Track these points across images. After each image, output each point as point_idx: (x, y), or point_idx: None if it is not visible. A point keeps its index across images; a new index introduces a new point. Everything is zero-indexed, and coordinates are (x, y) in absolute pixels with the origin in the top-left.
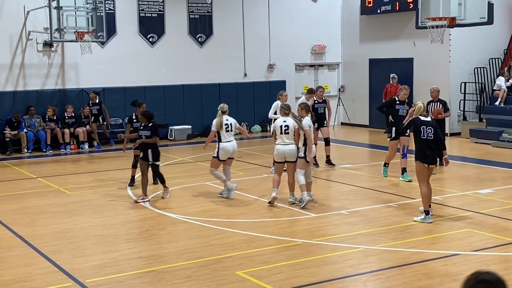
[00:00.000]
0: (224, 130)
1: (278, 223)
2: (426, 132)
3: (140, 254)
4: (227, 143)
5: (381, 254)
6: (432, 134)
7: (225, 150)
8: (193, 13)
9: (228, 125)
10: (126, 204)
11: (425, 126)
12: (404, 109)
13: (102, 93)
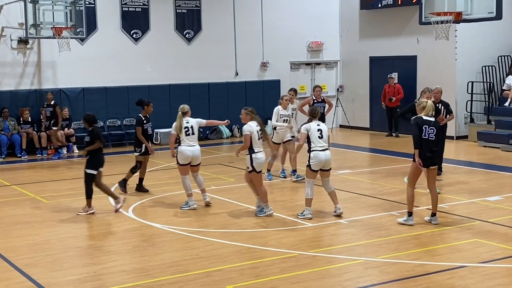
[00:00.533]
0: (183, 134)
1: (272, 234)
2: (427, 132)
3: (123, 267)
4: (186, 147)
5: (382, 266)
6: (434, 135)
7: (183, 154)
8: (180, 7)
9: (189, 128)
10: (108, 214)
11: (427, 125)
12: None
13: (81, 94)
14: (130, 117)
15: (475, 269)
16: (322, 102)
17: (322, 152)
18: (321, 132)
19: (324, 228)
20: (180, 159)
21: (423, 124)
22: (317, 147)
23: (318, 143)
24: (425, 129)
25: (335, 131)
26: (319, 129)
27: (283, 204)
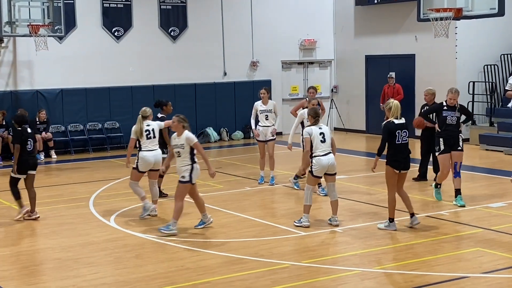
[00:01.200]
0: (144, 137)
1: (263, 243)
2: (401, 137)
3: (104, 280)
4: (148, 152)
5: (379, 277)
6: (407, 137)
7: (145, 160)
8: (165, 3)
9: (150, 131)
10: (89, 223)
11: (399, 130)
12: (453, 116)
13: (60, 95)
14: (111, 120)
15: (477, 280)
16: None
17: (324, 157)
18: (324, 136)
19: (317, 237)
20: (141, 165)
21: (395, 129)
22: (319, 151)
23: (320, 147)
24: (398, 134)
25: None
26: (321, 133)
27: (273, 212)
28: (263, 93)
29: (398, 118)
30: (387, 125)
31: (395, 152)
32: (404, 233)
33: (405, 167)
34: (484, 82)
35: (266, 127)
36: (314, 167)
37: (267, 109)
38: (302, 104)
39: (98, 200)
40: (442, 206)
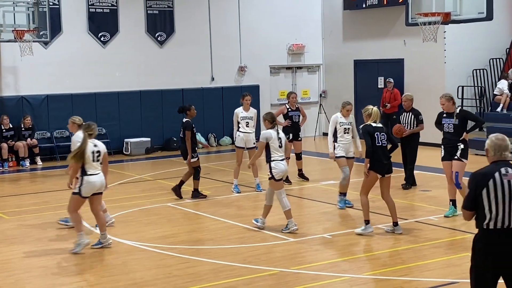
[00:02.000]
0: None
1: (251, 250)
2: (380, 139)
3: None
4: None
5: (368, 283)
6: (386, 140)
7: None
8: (152, 8)
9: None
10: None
11: (378, 132)
12: (450, 124)
13: (45, 101)
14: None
15: (466, 285)
16: (297, 110)
17: (282, 161)
18: (281, 141)
19: (306, 243)
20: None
21: (374, 131)
22: (277, 156)
23: (279, 152)
24: (377, 136)
25: (318, 140)
26: (279, 138)
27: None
28: (249, 99)
29: (376, 123)
30: (366, 128)
31: (376, 155)
32: (394, 238)
33: (388, 171)
34: (473, 86)
35: (247, 133)
36: (274, 171)
37: (248, 115)
38: (281, 110)
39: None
40: (432, 212)
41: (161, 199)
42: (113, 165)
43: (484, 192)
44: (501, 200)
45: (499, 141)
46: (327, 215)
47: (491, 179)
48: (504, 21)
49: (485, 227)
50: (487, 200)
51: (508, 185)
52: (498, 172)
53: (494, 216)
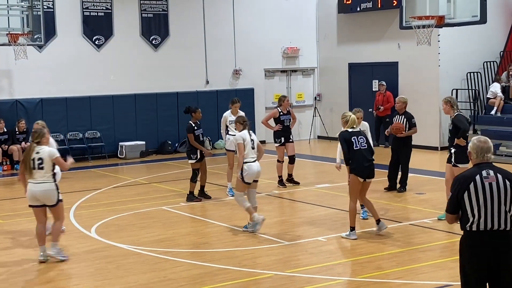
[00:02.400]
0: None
1: (245, 253)
2: (358, 142)
3: None
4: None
5: (363, 286)
6: (365, 143)
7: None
8: (146, 11)
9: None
10: (69, 234)
11: (355, 136)
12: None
13: (40, 105)
14: (92, 130)
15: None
16: (288, 114)
17: (254, 163)
18: (254, 143)
19: (301, 246)
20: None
21: (350, 136)
22: (250, 158)
23: (251, 154)
24: (354, 140)
25: (313, 143)
26: (252, 139)
27: None
28: (238, 106)
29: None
30: (342, 134)
31: (356, 158)
32: (388, 241)
33: (369, 175)
34: (467, 89)
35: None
36: (244, 173)
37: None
38: (273, 114)
39: (79, 210)
40: (426, 215)
41: (156, 202)
42: (107, 168)
43: (465, 195)
44: (483, 202)
45: (481, 143)
46: (321, 218)
47: (472, 182)
48: (497, 24)
49: (469, 229)
50: (469, 203)
51: (490, 187)
52: (479, 175)
53: (477, 219)
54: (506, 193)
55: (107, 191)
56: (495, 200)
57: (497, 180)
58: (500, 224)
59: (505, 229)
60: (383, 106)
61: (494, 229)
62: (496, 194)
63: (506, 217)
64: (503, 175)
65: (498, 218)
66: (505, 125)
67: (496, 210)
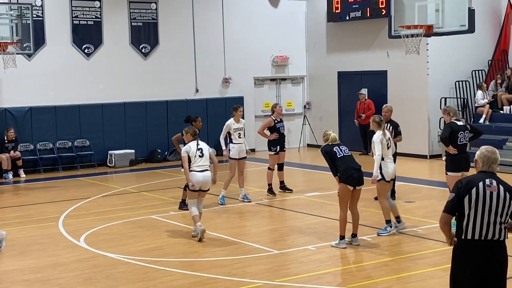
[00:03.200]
0: None
1: (235, 262)
2: (342, 151)
3: None
4: None
5: None
6: (348, 151)
7: None
8: (136, 20)
9: None
10: (58, 243)
11: (337, 146)
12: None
13: (29, 113)
14: (81, 138)
15: None
16: (281, 121)
17: (200, 173)
18: (202, 151)
19: (290, 255)
20: None
21: (332, 148)
22: (195, 167)
23: (197, 163)
24: (337, 150)
25: (302, 151)
26: (199, 149)
27: (245, 230)
28: (241, 111)
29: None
30: (324, 148)
31: (345, 167)
32: (378, 250)
33: (359, 182)
34: (455, 98)
35: (240, 144)
36: (190, 184)
37: (239, 127)
38: (268, 123)
39: (68, 220)
40: (416, 223)
41: (145, 211)
42: (97, 177)
43: (466, 199)
44: (481, 210)
45: (489, 153)
46: (310, 227)
47: (474, 187)
48: (486, 33)
49: (463, 237)
50: (468, 208)
51: (490, 196)
52: (482, 181)
53: (471, 226)
54: (504, 205)
55: (96, 200)
56: (493, 210)
57: (499, 191)
58: (494, 234)
59: (499, 239)
60: (364, 114)
61: (488, 239)
62: (495, 204)
63: (501, 227)
64: (504, 187)
65: (493, 228)
66: (494, 133)
67: (492, 220)
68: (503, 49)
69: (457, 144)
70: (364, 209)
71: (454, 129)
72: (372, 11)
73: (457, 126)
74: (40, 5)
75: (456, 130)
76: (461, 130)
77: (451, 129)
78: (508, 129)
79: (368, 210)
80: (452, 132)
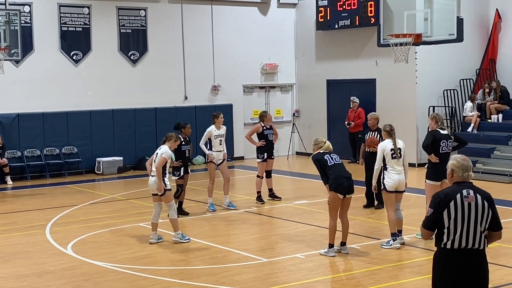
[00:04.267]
0: None
1: (224, 270)
2: (333, 159)
3: None
4: None
5: None
6: (339, 159)
7: None
8: (125, 27)
9: None
10: (45, 251)
11: (328, 155)
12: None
13: (16, 120)
14: (69, 145)
15: None
16: (270, 129)
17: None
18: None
19: (279, 263)
20: None
21: (323, 156)
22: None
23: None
24: (327, 158)
25: (291, 159)
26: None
27: (234, 238)
28: (222, 118)
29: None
30: (315, 156)
31: (335, 175)
32: (366, 258)
33: (349, 191)
34: (444, 106)
35: (219, 151)
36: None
37: (220, 133)
38: (256, 129)
39: (55, 227)
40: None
41: (133, 219)
42: (84, 184)
43: (445, 213)
44: (460, 221)
45: (465, 161)
46: (299, 235)
47: (452, 200)
48: (474, 42)
49: (443, 246)
50: (447, 221)
51: (468, 207)
52: (459, 193)
53: (452, 236)
54: (483, 213)
55: (84, 208)
56: (472, 220)
57: (476, 200)
58: (474, 243)
59: (479, 248)
60: (353, 122)
61: (468, 248)
62: (474, 214)
63: (481, 236)
64: (481, 195)
65: (473, 237)
66: (482, 142)
67: (472, 229)
68: (491, 58)
69: (439, 153)
70: (353, 218)
71: (437, 138)
72: (361, 19)
73: (440, 135)
74: (29, 11)
75: (439, 138)
76: (443, 139)
77: (434, 137)
78: (496, 138)
79: (357, 218)
80: (434, 140)
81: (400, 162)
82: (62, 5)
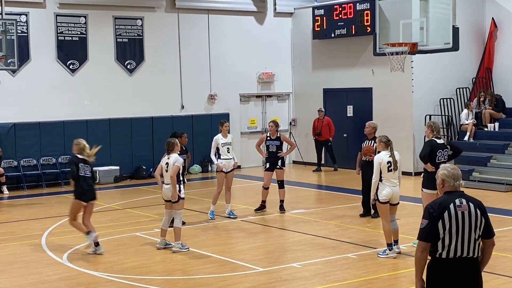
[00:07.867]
0: None
1: (220, 280)
2: None
3: None
4: None
5: None
6: None
7: None
8: (121, 36)
9: None
10: (41, 261)
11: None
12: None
13: (13, 129)
14: (66, 155)
15: None
16: (276, 140)
17: (165, 185)
18: (167, 166)
19: (276, 272)
20: None
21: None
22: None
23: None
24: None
25: (288, 168)
26: (167, 163)
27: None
28: (227, 126)
29: None
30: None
31: None
32: (363, 267)
33: None
34: (440, 115)
35: (228, 159)
36: None
37: (227, 141)
38: (262, 140)
39: (51, 237)
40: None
41: (130, 228)
42: None
43: (439, 224)
44: (455, 231)
45: (455, 170)
46: (296, 244)
47: (446, 211)
48: (470, 51)
49: (438, 256)
50: (442, 232)
51: (462, 216)
52: (453, 203)
53: (447, 246)
54: (476, 221)
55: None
56: (466, 229)
57: (469, 209)
58: (469, 252)
59: (473, 256)
60: (321, 131)
61: (463, 257)
62: (468, 223)
63: (475, 245)
64: (474, 203)
65: (468, 246)
66: (478, 150)
67: (466, 238)
68: (487, 67)
69: (435, 162)
70: (350, 226)
71: (434, 147)
72: (357, 28)
73: (437, 144)
74: (25, 20)
75: (436, 148)
76: (440, 149)
77: (431, 147)
78: (492, 147)
79: (354, 227)
80: (431, 150)
81: (395, 175)
82: (58, 15)
